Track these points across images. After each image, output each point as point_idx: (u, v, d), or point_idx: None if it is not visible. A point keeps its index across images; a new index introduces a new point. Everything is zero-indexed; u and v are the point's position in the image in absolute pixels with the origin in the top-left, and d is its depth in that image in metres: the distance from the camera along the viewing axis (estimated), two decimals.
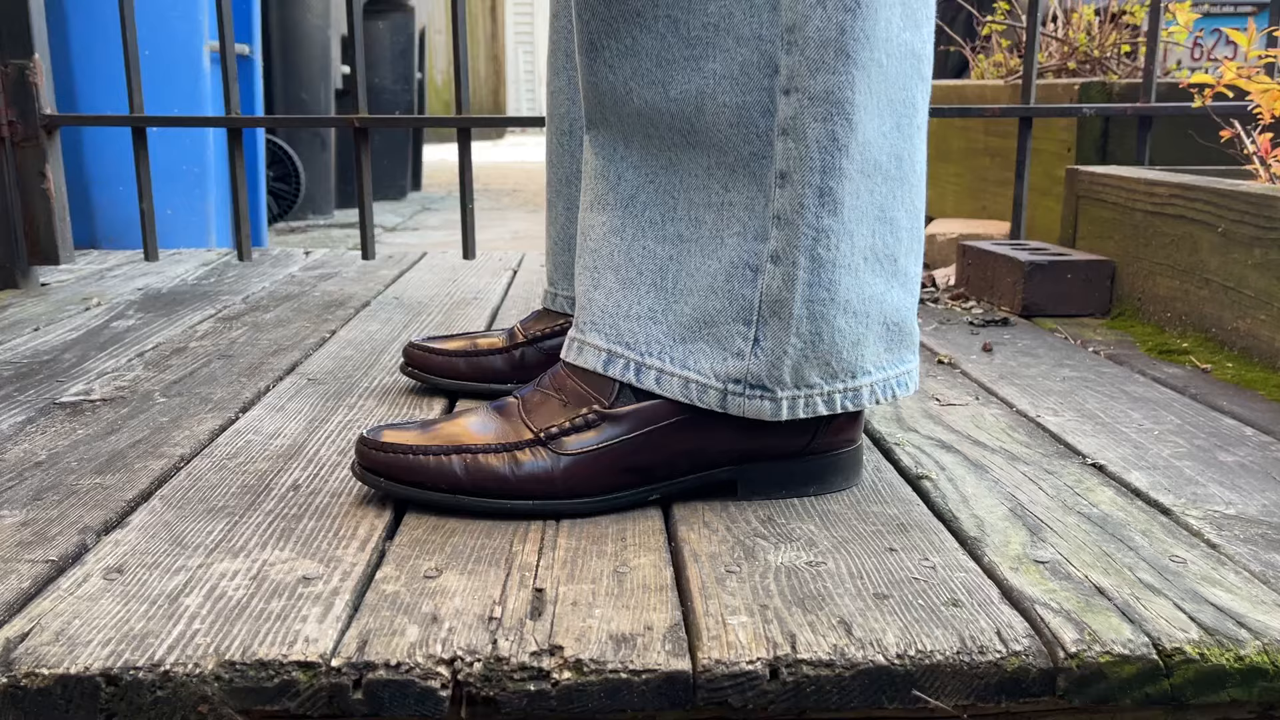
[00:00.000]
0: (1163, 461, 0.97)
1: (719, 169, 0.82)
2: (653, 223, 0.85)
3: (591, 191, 0.88)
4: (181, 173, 2.90)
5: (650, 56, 0.81)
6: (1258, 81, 1.49)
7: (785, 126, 0.79)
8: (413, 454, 0.84)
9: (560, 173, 1.18)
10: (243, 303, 1.73)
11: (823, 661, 0.62)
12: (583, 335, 0.87)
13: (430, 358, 1.19)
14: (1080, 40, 2.55)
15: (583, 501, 0.84)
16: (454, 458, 0.83)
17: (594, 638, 0.64)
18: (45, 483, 0.91)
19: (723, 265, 0.82)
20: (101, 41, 2.64)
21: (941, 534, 0.80)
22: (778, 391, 0.83)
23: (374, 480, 0.85)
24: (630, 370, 0.85)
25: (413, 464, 0.83)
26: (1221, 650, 0.63)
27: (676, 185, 0.84)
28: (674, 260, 0.84)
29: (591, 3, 0.83)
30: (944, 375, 1.28)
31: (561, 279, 1.18)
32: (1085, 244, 1.76)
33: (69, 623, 0.66)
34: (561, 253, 1.19)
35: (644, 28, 0.81)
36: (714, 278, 0.83)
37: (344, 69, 4.71)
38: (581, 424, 0.84)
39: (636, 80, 0.82)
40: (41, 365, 1.32)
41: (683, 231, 0.84)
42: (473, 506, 0.83)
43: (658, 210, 0.85)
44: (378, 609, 0.68)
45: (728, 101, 0.80)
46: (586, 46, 0.84)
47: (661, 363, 0.84)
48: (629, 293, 0.85)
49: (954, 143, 2.99)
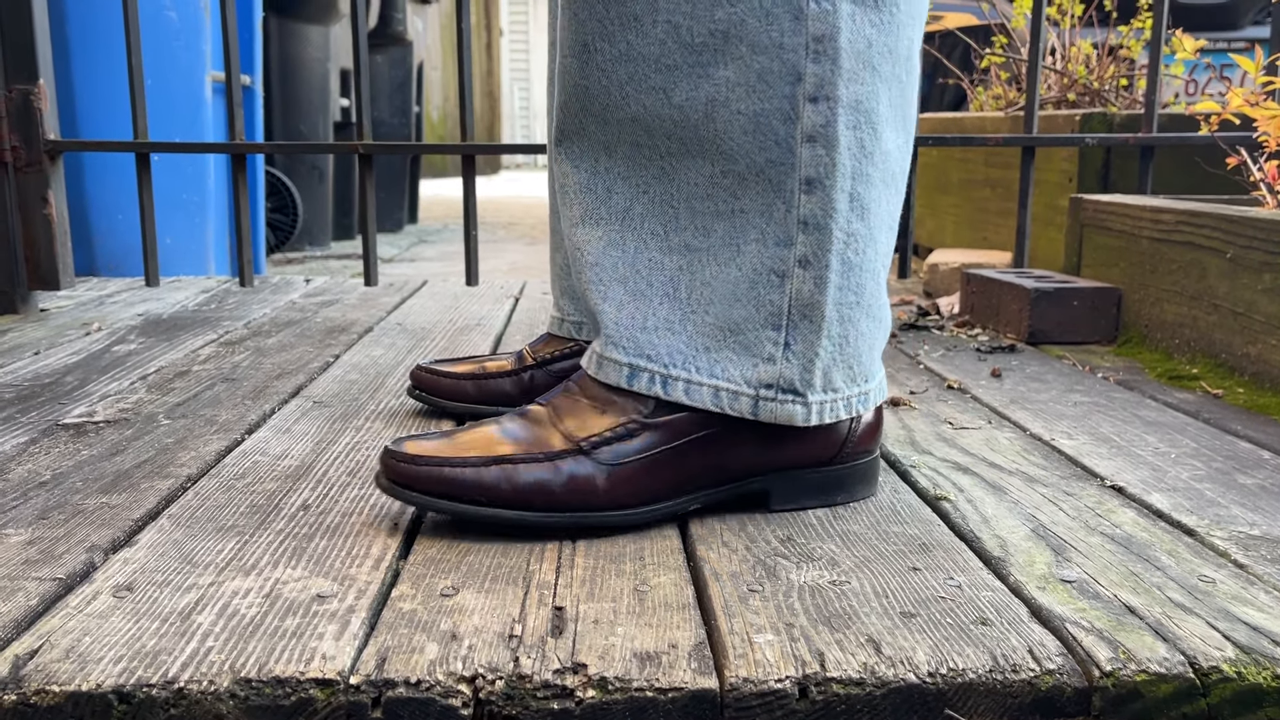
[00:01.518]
0: (1182, 484, 0.96)
1: (725, 177, 0.81)
2: (654, 234, 0.84)
3: (579, 206, 0.86)
4: (182, 201, 2.89)
5: (649, 62, 0.80)
6: (1265, 108, 1.50)
7: (813, 133, 0.79)
8: (448, 466, 0.80)
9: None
10: (244, 328, 1.72)
11: (853, 680, 0.61)
12: (602, 350, 0.85)
13: (438, 380, 1.17)
14: (1079, 73, 2.57)
15: (625, 513, 0.81)
16: (492, 469, 0.80)
17: (618, 656, 0.63)
18: (51, 502, 0.89)
19: (744, 273, 0.82)
20: (104, 69, 2.65)
21: (965, 553, 0.79)
22: (809, 396, 0.83)
23: (404, 494, 0.80)
24: (656, 383, 0.83)
25: (447, 476, 0.79)
26: (1258, 669, 0.62)
27: (675, 195, 0.83)
28: (685, 270, 0.83)
29: (588, 3, 0.81)
30: (954, 400, 1.27)
31: (569, 303, 1.18)
32: (1090, 272, 1.76)
33: (79, 640, 0.64)
34: (566, 277, 1.18)
35: (641, 33, 0.79)
36: (735, 285, 0.82)
37: (343, 102, 4.73)
38: (624, 433, 0.82)
39: (634, 85, 0.81)
40: (43, 388, 1.30)
41: (690, 241, 0.83)
42: (515, 520, 0.80)
43: (658, 221, 0.84)
44: (395, 627, 0.66)
45: (743, 108, 0.79)
46: (578, 49, 0.82)
47: (688, 373, 0.83)
48: (641, 305, 0.84)
49: (953, 174, 3.01)
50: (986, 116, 2.80)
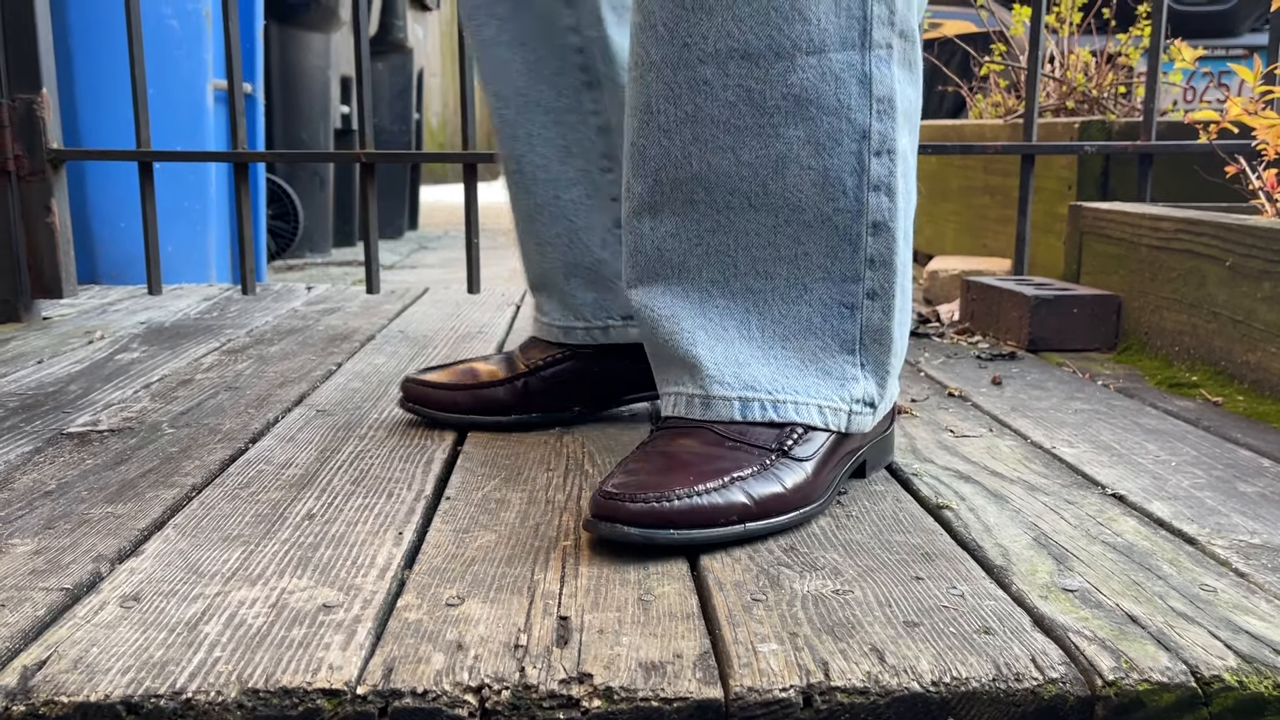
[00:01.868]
0: (1183, 492, 0.96)
1: (790, 225, 0.88)
2: (715, 283, 0.90)
3: (634, 269, 0.92)
4: (184, 209, 2.90)
5: (718, 124, 0.86)
6: (1264, 117, 1.51)
7: (878, 184, 0.88)
8: (699, 496, 0.80)
9: (521, 208, 1.18)
10: (247, 336, 1.72)
11: (857, 689, 0.61)
12: (705, 390, 0.88)
13: (428, 393, 1.16)
14: (1078, 80, 2.58)
15: (818, 504, 0.88)
16: (733, 488, 0.82)
17: (623, 665, 0.63)
18: (56, 512, 0.89)
19: (814, 309, 0.90)
20: (107, 78, 2.65)
21: (967, 563, 0.79)
22: (880, 405, 0.94)
23: (667, 535, 0.78)
24: (770, 409, 0.88)
25: (703, 506, 0.80)
26: (1260, 678, 0.62)
27: (730, 246, 0.89)
28: (752, 312, 0.90)
29: (656, 68, 0.86)
30: (955, 408, 1.28)
31: (555, 308, 1.18)
32: (1089, 279, 1.76)
33: (87, 650, 0.64)
34: (546, 279, 1.18)
35: (711, 96, 0.85)
36: (807, 321, 0.90)
37: (343, 109, 4.74)
38: (797, 438, 0.88)
39: (698, 145, 0.87)
40: (47, 397, 1.31)
41: (752, 285, 0.89)
42: (761, 531, 0.83)
43: (717, 271, 0.90)
44: (401, 637, 0.66)
45: (812, 164, 0.86)
46: (641, 109, 0.88)
47: (793, 395, 0.89)
48: (727, 346, 0.90)
49: (953, 181, 3.02)
50: (985, 124, 2.81)
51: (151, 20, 2.67)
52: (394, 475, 1.00)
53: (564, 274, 1.16)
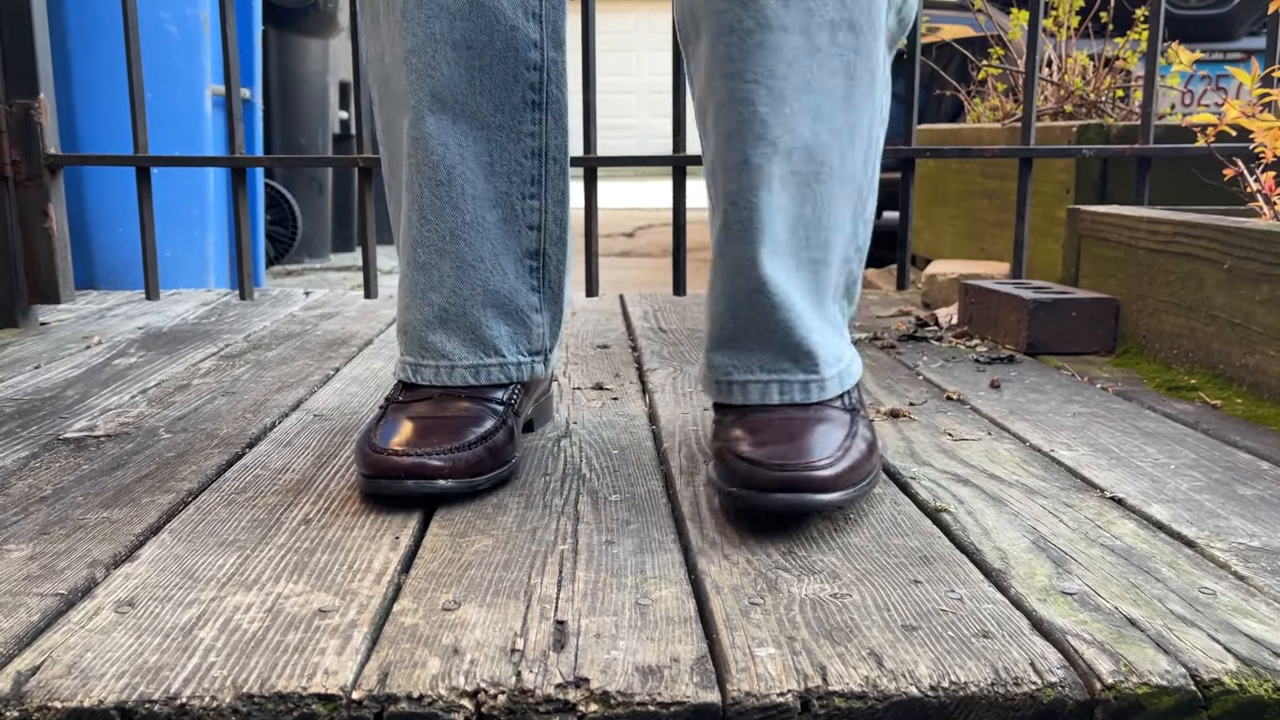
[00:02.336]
0: (1182, 495, 0.96)
1: (843, 193, 0.96)
2: (794, 255, 0.95)
3: (750, 245, 0.95)
4: (182, 214, 2.90)
5: (824, 92, 0.92)
6: (1261, 120, 1.51)
7: (880, 151, 1.00)
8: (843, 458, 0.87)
9: (447, 224, 1.03)
10: (245, 341, 1.72)
11: (855, 694, 0.61)
12: (820, 375, 0.94)
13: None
14: (1076, 84, 2.58)
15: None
16: (864, 466, 0.89)
17: (620, 670, 0.63)
18: (51, 517, 0.89)
19: (839, 273, 0.98)
20: (105, 83, 2.66)
21: (965, 566, 0.79)
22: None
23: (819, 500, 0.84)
24: (844, 380, 0.96)
25: (846, 469, 0.86)
26: (1259, 681, 0.62)
27: (809, 216, 0.94)
28: (813, 282, 0.95)
29: (780, 29, 0.90)
30: (954, 411, 1.28)
31: (458, 347, 1.04)
32: (1088, 283, 1.76)
33: (81, 656, 0.64)
34: (447, 320, 1.04)
35: (822, 64, 0.92)
36: (835, 286, 0.98)
37: (342, 114, 4.74)
38: (855, 397, 0.98)
39: (810, 114, 0.92)
40: (44, 402, 1.31)
41: (816, 255, 0.95)
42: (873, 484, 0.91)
43: (800, 242, 0.95)
44: (397, 641, 0.66)
45: (875, 135, 0.98)
46: (761, 75, 0.93)
47: (847, 364, 0.98)
48: (821, 327, 0.95)
49: (951, 185, 3.02)
50: (984, 128, 2.81)
51: (149, 25, 2.67)
52: None
53: (482, 303, 1.04)
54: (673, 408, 1.28)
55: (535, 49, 1.04)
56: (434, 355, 1.03)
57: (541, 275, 1.08)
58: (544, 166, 1.07)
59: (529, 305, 1.08)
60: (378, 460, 0.91)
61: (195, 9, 2.86)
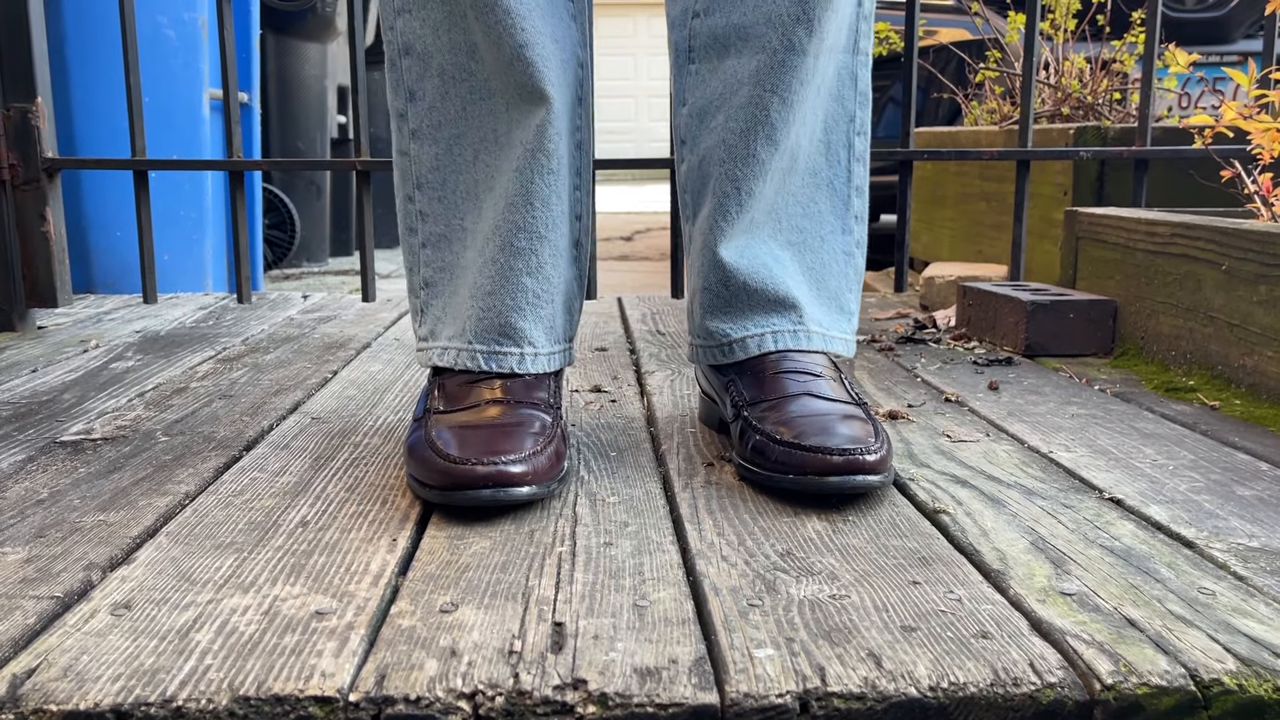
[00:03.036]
0: (1181, 496, 0.96)
1: (808, 186, 1.10)
2: (773, 236, 1.10)
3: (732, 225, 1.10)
4: (179, 218, 2.90)
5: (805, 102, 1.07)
6: (1258, 122, 1.51)
7: (859, 157, 1.12)
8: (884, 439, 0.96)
9: (547, 218, 1.05)
10: (242, 344, 1.72)
11: (854, 694, 0.60)
12: (805, 325, 1.08)
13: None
14: (1073, 87, 2.58)
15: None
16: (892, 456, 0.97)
17: (618, 671, 0.62)
18: (48, 520, 0.89)
19: (833, 255, 1.12)
20: (103, 86, 2.65)
21: (964, 567, 0.79)
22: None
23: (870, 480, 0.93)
24: (829, 343, 1.10)
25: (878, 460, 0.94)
26: (1259, 681, 0.62)
27: (784, 203, 1.09)
28: (796, 259, 1.10)
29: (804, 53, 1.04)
30: (952, 413, 1.28)
31: (543, 336, 1.05)
32: (1086, 284, 1.76)
33: (77, 658, 0.64)
34: (531, 312, 1.05)
35: (815, 78, 1.07)
36: (828, 266, 1.11)
37: (340, 118, 4.74)
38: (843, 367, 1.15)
39: (801, 121, 1.08)
40: (41, 405, 1.30)
41: (792, 238, 1.10)
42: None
43: (777, 224, 1.10)
44: (394, 643, 0.66)
45: (829, 140, 1.11)
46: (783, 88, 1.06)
47: (838, 331, 1.11)
48: (800, 290, 1.09)
49: (949, 188, 3.02)
50: (981, 130, 2.82)
51: (147, 29, 2.67)
52: (388, 482, 1.00)
53: (561, 293, 1.08)
54: (671, 410, 1.28)
55: (582, 49, 1.09)
56: (517, 341, 1.03)
57: (580, 265, 1.12)
58: (585, 158, 1.12)
59: (574, 294, 1.12)
60: (450, 470, 0.87)
61: (193, 13, 2.86)
